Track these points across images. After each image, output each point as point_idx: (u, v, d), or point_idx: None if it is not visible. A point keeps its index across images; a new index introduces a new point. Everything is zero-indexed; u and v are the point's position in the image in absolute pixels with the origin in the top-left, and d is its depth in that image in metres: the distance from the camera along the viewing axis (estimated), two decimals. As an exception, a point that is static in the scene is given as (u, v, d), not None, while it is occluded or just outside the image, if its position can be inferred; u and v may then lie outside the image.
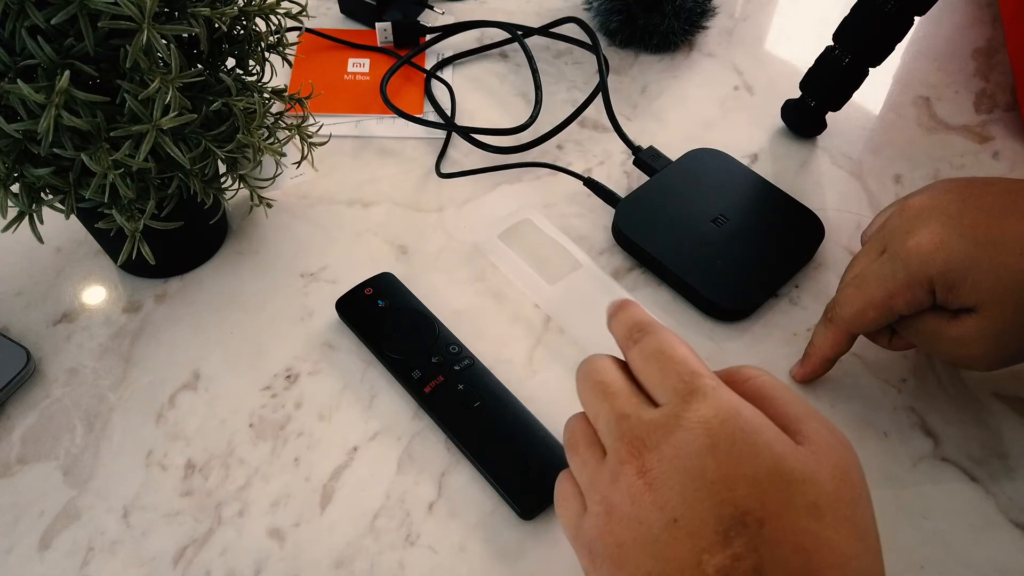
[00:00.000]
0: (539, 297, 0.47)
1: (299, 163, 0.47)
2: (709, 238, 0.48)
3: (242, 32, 0.42)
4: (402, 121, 0.57)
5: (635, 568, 0.28)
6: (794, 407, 0.29)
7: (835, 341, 0.42)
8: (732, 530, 0.26)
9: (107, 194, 0.36)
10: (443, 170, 0.54)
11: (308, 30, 0.63)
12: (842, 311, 0.41)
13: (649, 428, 0.28)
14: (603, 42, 0.63)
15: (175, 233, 0.41)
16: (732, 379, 0.30)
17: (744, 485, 0.26)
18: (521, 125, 0.55)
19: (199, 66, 0.39)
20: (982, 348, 0.37)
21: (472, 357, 0.44)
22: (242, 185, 0.44)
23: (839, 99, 0.54)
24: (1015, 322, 0.36)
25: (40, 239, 0.38)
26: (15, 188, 0.37)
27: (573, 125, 0.57)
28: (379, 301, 0.46)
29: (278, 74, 0.49)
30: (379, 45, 0.62)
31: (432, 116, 0.58)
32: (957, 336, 0.38)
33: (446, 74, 0.61)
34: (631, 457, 0.28)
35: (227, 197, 0.45)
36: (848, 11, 0.50)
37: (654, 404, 0.29)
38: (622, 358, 0.32)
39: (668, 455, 0.27)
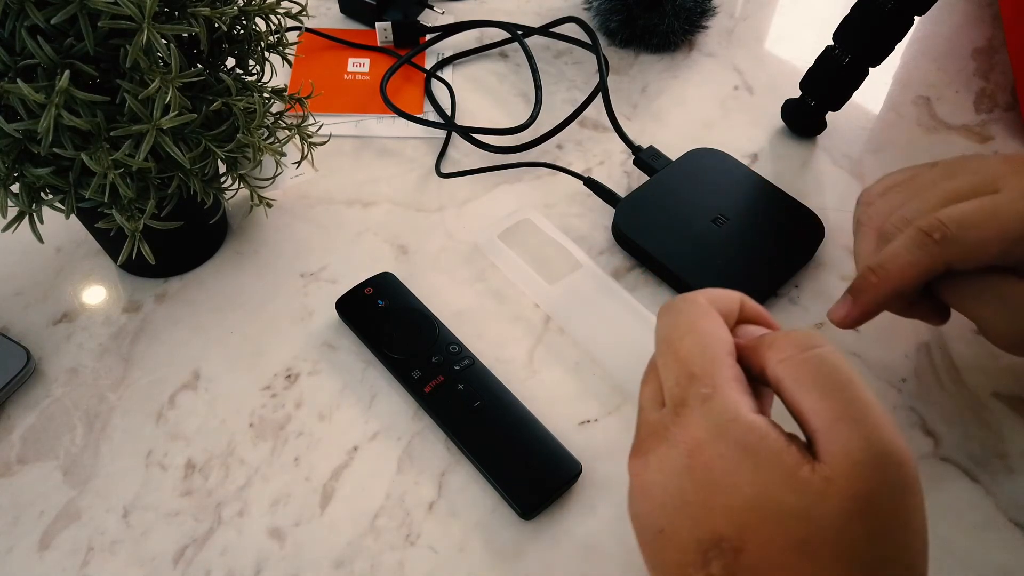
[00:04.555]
0: (539, 297, 0.47)
1: (299, 163, 0.47)
2: (709, 238, 0.48)
3: (242, 32, 0.42)
4: (402, 121, 0.57)
5: (647, 556, 0.28)
6: (830, 408, 0.25)
7: (925, 267, 0.35)
8: (710, 551, 0.25)
9: (107, 194, 0.36)
10: (443, 170, 0.54)
11: (308, 30, 0.63)
12: (962, 233, 0.34)
13: (648, 431, 0.28)
14: (603, 42, 0.63)
15: (175, 233, 0.41)
16: (775, 354, 0.27)
17: (721, 513, 0.25)
18: (521, 125, 0.55)
19: (199, 66, 0.39)
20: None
21: (472, 357, 0.44)
22: (242, 185, 0.44)
23: (839, 99, 0.54)
24: None
25: (40, 239, 0.38)
26: (15, 188, 0.37)
27: (573, 125, 0.57)
28: (379, 301, 0.46)
29: (278, 74, 0.49)
30: (379, 45, 0.62)
31: (432, 116, 0.58)
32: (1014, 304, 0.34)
33: (446, 74, 0.61)
34: (633, 457, 0.28)
35: (227, 197, 0.45)
36: (848, 11, 0.50)
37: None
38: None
39: (654, 467, 0.27)
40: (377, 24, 0.61)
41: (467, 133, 0.55)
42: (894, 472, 0.24)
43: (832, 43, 0.52)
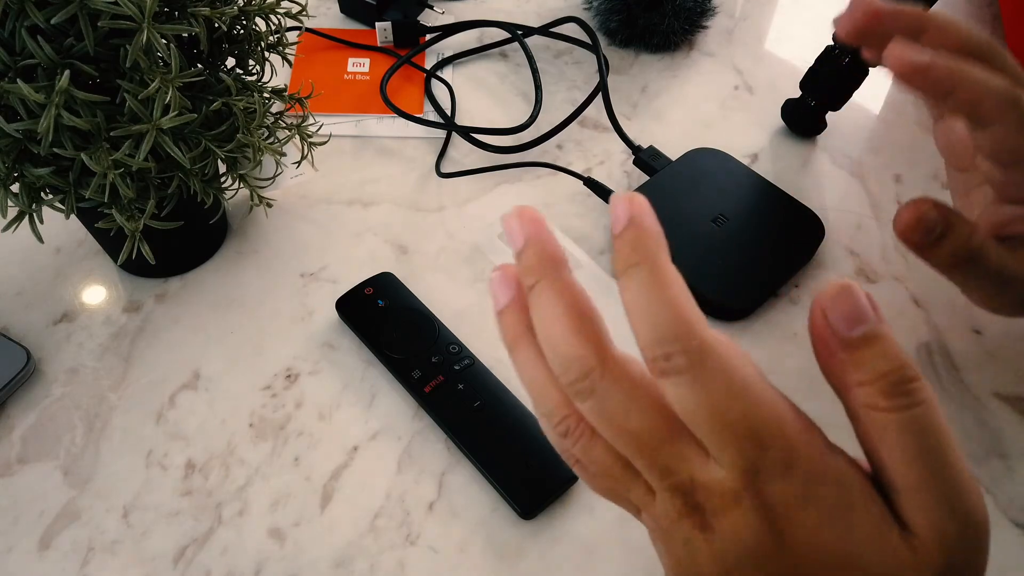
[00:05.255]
0: (539, 297, 0.47)
1: (299, 163, 0.47)
2: (709, 238, 0.48)
3: (242, 32, 0.42)
4: (402, 121, 0.57)
5: None
6: (918, 473, 0.22)
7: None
8: None
9: (107, 194, 0.36)
10: (443, 170, 0.54)
11: (308, 30, 0.63)
12: None
13: (709, 494, 0.24)
14: (603, 42, 0.63)
15: (175, 233, 0.41)
16: (863, 396, 0.23)
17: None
18: (521, 125, 0.55)
19: (199, 66, 0.39)
20: (1009, 302, 0.36)
21: (472, 357, 0.44)
22: (242, 185, 0.44)
23: (839, 99, 0.54)
24: None
25: (40, 239, 0.38)
26: (15, 188, 0.37)
27: (573, 125, 0.57)
28: (379, 301, 0.46)
29: (278, 74, 0.49)
30: (379, 45, 0.62)
31: (432, 116, 0.58)
32: (1009, 279, 0.34)
33: (446, 74, 0.61)
34: (685, 522, 0.24)
35: (227, 197, 0.45)
36: (848, 11, 0.50)
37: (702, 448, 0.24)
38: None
39: (727, 532, 0.23)
40: (377, 24, 0.61)
41: (467, 133, 0.55)
42: (978, 541, 0.23)
43: (832, 43, 0.52)
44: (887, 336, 0.23)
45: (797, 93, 0.56)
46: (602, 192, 0.52)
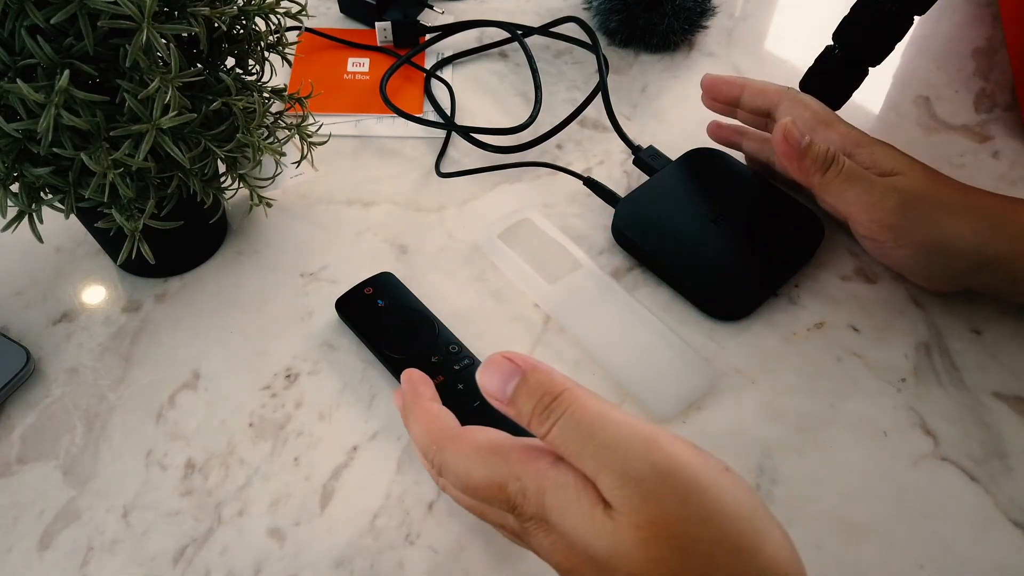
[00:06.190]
0: (539, 297, 0.47)
1: (299, 163, 0.47)
2: (709, 238, 0.48)
3: (242, 31, 0.42)
4: (402, 121, 0.57)
5: None
6: (586, 464, 0.28)
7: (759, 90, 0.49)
8: None
9: (107, 194, 0.36)
10: (443, 170, 0.54)
11: (308, 29, 0.63)
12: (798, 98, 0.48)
13: (514, 530, 0.32)
14: (603, 42, 0.63)
15: (175, 233, 0.41)
16: (534, 429, 0.30)
17: (584, 570, 0.29)
18: (521, 125, 0.55)
19: (199, 65, 0.39)
20: (893, 203, 0.43)
21: (472, 357, 0.44)
22: (242, 185, 0.44)
23: (839, 99, 0.54)
24: (923, 197, 0.43)
25: (40, 239, 0.38)
26: (15, 188, 0.37)
27: (573, 125, 0.57)
28: (379, 301, 0.46)
29: (278, 74, 0.49)
30: (379, 44, 0.62)
31: (432, 116, 0.58)
32: (884, 186, 0.43)
33: (446, 74, 0.61)
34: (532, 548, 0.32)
35: (227, 197, 0.45)
36: (848, 11, 0.50)
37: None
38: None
39: (538, 547, 0.31)
40: (377, 24, 0.61)
41: (467, 133, 0.55)
42: (668, 487, 0.27)
43: (832, 43, 0.52)
44: (527, 379, 0.30)
45: (797, 93, 0.56)
46: (602, 192, 0.52)
